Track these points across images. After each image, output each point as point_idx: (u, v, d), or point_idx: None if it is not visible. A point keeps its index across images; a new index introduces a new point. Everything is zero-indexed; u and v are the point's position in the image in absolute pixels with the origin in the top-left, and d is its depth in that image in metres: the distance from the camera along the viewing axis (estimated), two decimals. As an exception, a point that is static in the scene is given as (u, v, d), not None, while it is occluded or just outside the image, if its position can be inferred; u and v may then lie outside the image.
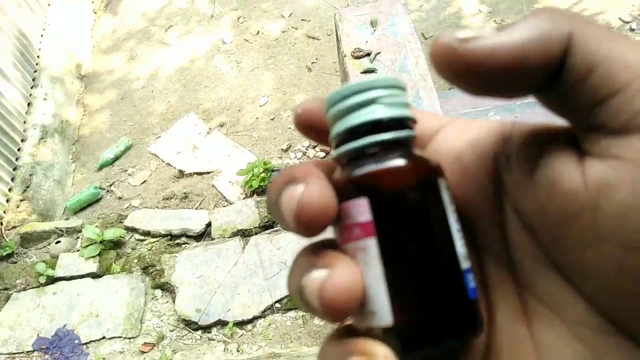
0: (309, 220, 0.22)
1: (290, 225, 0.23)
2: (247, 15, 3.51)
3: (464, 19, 3.07)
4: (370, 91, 0.24)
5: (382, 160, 0.24)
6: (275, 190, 0.24)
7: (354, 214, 0.23)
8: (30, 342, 2.03)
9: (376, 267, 0.23)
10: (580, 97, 0.21)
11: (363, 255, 0.23)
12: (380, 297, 0.23)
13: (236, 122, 2.88)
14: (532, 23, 0.21)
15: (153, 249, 2.26)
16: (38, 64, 3.00)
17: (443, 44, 0.21)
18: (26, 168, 2.54)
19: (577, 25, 0.21)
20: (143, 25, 3.62)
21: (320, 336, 1.94)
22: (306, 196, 0.22)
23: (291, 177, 0.23)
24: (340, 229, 0.24)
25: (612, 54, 0.20)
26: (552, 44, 0.20)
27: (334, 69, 2.96)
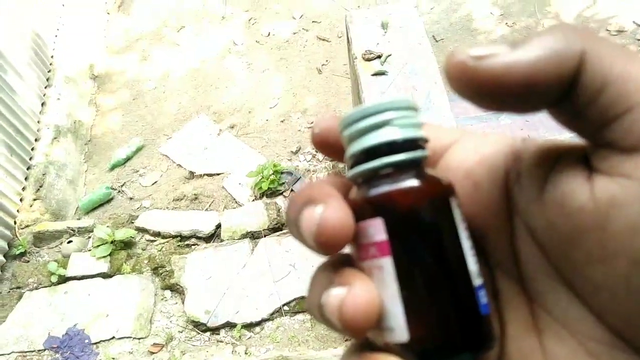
0: (328, 240, 0.23)
1: (309, 245, 0.24)
2: (258, 17, 3.51)
3: (475, 22, 3.03)
4: (385, 113, 0.25)
5: (396, 181, 0.25)
6: (294, 210, 0.24)
7: (370, 233, 0.24)
8: (42, 340, 2.05)
9: (392, 285, 0.24)
10: (592, 114, 0.21)
11: (379, 273, 0.24)
12: (396, 314, 0.23)
13: (246, 123, 2.88)
14: (545, 40, 0.21)
15: (163, 250, 2.26)
16: (52, 64, 3.02)
17: (458, 61, 0.22)
18: (39, 167, 2.56)
19: (590, 43, 0.21)
20: (155, 26, 3.63)
21: (328, 340, 1.93)
22: (325, 218, 0.23)
23: (310, 198, 0.24)
24: (357, 247, 0.25)
25: (624, 73, 0.20)
26: (565, 62, 0.20)
27: (344, 71, 2.95)
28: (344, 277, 0.24)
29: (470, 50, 0.22)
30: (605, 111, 0.21)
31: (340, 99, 2.83)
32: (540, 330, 0.24)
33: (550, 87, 0.21)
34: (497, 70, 0.21)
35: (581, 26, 0.23)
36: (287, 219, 0.26)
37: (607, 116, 0.21)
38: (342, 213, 0.23)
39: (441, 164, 0.28)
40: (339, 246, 0.23)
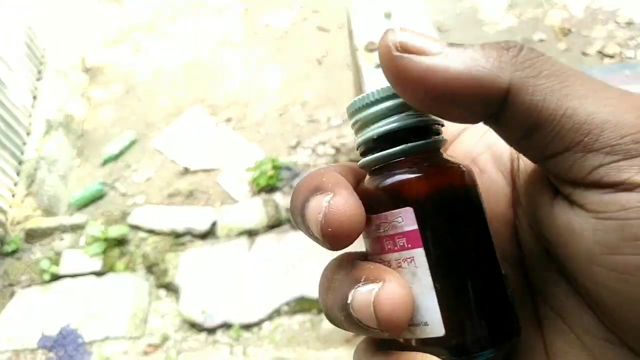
0: (335, 232, 0.22)
1: (315, 237, 0.23)
2: (256, 7, 3.44)
3: (482, 12, 2.97)
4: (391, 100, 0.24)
5: (422, 167, 0.24)
6: (300, 199, 0.23)
7: (398, 223, 0.23)
8: (35, 339, 2.02)
9: (425, 277, 0.22)
10: (529, 147, 0.22)
11: (410, 266, 0.23)
12: (429, 307, 0.22)
13: (243, 117, 2.82)
14: (476, 59, 0.21)
15: (157, 248, 2.23)
16: (43, 56, 2.97)
17: (385, 44, 0.22)
18: (31, 163, 2.52)
19: (522, 77, 0.20)
20: (149, 18, 3.57)
21: (328, 340, 1.89)
22: (333, 207, 0.21)
23: (317, 186, 0.23)
24: (376, 240, 0.24)
25: (557, 111, 0.20)
26: (489, 90, 0.20)
27: (345, 63, 2.89)
28: (372, 272, 0.22)
29: (402, 35, 0.22)
30: (543, 148, 0.21)
31: (340, 92, 2.77)
32: (542, 323, 0.25)
33: (469, 105, 0.21)
34: (419, 69, 0.21)
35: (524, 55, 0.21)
36: (292, 208, 0.25)
37: (545, 153, 0.21)
38: (352, 203, 0.22)
39: (449, 151, 0.28)
40: (348, 239, 0.22)
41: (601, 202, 0.20)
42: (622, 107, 0.20)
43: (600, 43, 2.62)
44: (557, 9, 2.86)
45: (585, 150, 0.20)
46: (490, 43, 0.21)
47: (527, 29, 2.79)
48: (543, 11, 2.87)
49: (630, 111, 0.20)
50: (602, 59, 2.56)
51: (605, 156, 0.20)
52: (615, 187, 0.20)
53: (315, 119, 2.68)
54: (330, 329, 1.91)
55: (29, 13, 2.92)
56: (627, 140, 0.19)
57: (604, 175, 0.20)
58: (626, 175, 0.19)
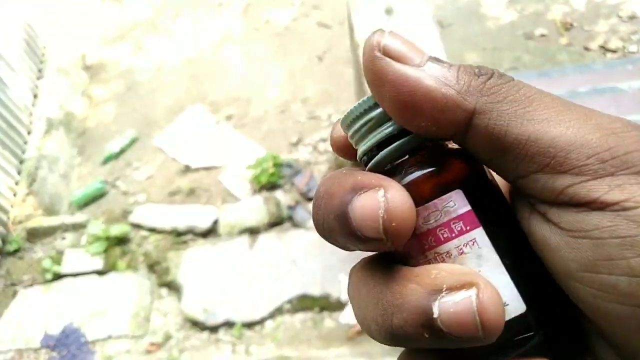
0: (400, 226, 0.20)
1: (368, 238, 0.21)
2: (256, 3, 3.43)
3: (484, 7, 2.94)
4: None
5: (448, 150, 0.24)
6: (335, 203, 0.22)
7: (450, 208, 0.22)
8: (38, 338, 2.02)
9: (492, 255, 0.22)
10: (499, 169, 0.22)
11: (473, 249, 0.22)
12: (505, 285, 0.22)
13: (244, 114, 2.81)
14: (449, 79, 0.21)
15: (159, 246, 2.22)
16: (44, 55, 2.96)
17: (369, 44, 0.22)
18: (32, 161, 2.52)
19: (485, 103, 0.21)
20: (150, 15, 3.56)
21: (331, 339, 1.88)
22: (393, 201, 0.21)
23: (355, 185, 0.22)
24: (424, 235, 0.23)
25: (521, 137, 0.20)
26: (453, 109, 0.21)
27: (346, 59, 2.87)
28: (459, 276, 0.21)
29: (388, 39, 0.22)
30: (512, 170, 0.21)
31: (342, 88, 2.75)
32: None
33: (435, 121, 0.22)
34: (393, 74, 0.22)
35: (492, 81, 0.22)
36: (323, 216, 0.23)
37: (515, 174, 0.21)
38: (406, 194, 0.21)
39: None
40: (408, 234, 0.21)
41: (575, 221, 0.20)
42: (585, 128, 0.20)
43: (602, 37, 2.60)
44: (559, 4, 2.84)
45: (553, 172, 0.20)
46: (466, 66, 0.22)
47: (529, 23, 2.77)
48: (545, 5, 2.85)
49: (593, 131, 0.20)
50: (605, 53, 2.54)
51: (573, 177, 0.20)
52: (586, 205, 0.20)
53: (316, 116, 2.67)
54: (332, 327, 1.91)
55: (30, 11, 2.91)
56: (593, 161, 0.20)
57: (574, 195, 0.20)
58: (596, 194, 0.20)
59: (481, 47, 2.70)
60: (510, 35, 2.72)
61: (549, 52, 2.60)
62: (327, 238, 0.23)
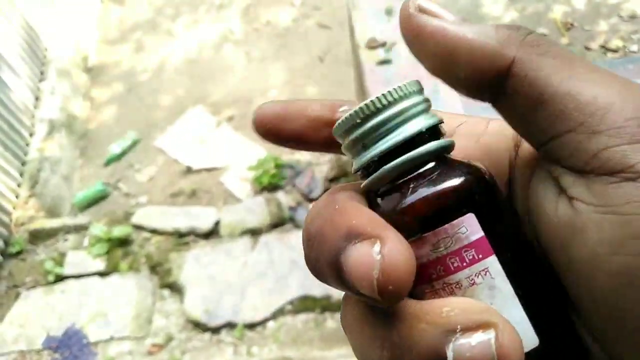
0: (397, 289, 0.18)
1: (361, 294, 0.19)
2: (257, 4, 3.43)
3: (484, 7, 2.94)
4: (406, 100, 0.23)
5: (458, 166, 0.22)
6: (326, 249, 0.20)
7: (462, 235, 0.20)
8: (40, 340, 2.03)
9: (505, 286, 0.20)
10: (533, 127, 0.21)
11: (485, 279, 0.20)
12: (518, 318, 0.20)
13: (245, 114, 2.82)
14: (488, 31, 0.21)
15: (161, 248, 2.23)
16: (45, 56, 2.97)
17: (404, 5, 0.23)
18: (34, 163, 2.52)
19: (526, 54, 0.20)
20: (150, 15, 3.56)
21: (333, 340, 1.88)
22: (390, 261, 0.18)
23: (350, 231, 0.20)
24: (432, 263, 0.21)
25: (561, 90, 0.20)
26: (494, 57, 0.21)
27: (346, 60, 2.88)
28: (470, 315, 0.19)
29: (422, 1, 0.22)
30: (546, 128, 0.20)
31: (342, 88, 2.75)
32: None
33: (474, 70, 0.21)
34: (432, 27, 0.22)
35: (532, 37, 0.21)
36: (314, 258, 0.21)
37: (548, 133, 0.20)
38: (405, 246, 0.19)
39: None
40: (407, 291, 0.19)
41: (605, 193, 0.19)
42: (627, 92, 0.19)
43: (603, 37, 2.60)
44: (559, 3, 2.84)
45: (588, 132, 0.19)
46: (503, 24, 0.22)
47: (529, 23, 2.77)
48: (545, 5, 2.85)
49: (636, 95, 0.19)
50: (605, 53, 2.54)
51: (609, 138, 0.19)
52: (619, 174, 0.19)
53: (317, 117, 2.67)
54: (334, 328, 1.91)
55: (31, 13, 2.91)
56: (632, 124, 0.19)
57: (607, 160, 0.19)
58: (632, 161, 0.18)
59: (482, 47, 2.70)
60: (511, 35, 2.72)
61: (549, 51, 2.60)
62: (320, 280, 0.22)
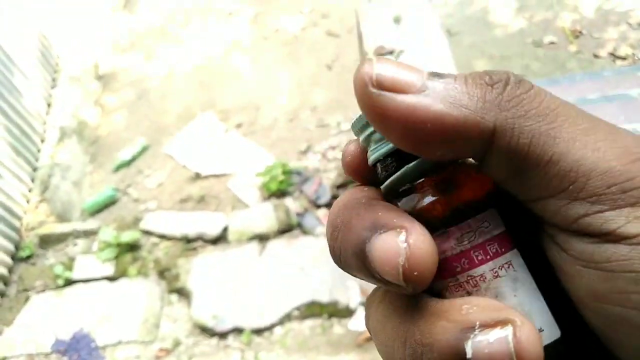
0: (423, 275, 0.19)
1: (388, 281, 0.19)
2: (266, 12, 3.45)
3: (491, 14, 2.94)
4: None
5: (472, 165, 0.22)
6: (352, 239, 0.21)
7: (485, 229, 0.21)
8: (49, 343, 2.04)
9: (527, 278, 0.21)
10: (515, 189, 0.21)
11: (508, 272, 0.21)
12: (540, 310, 0.21)
13: (254, 121, 2.83)
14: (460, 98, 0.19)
15: (169, 253, 2.23)
16: (57, 64, 3.00)
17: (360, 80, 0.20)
18: (45, 169, 2.55)
19: (506, 119, 0.19)
20: (160, 24, 3.60)
21: (339, 346, 1.87)
22: (416, 249, 0.19)
23: (375, 223, 0.20)
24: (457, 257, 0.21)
25: (544, 157, 0.19)
26: (472, 131, 0.19)
27: (355, 68, 2.88)
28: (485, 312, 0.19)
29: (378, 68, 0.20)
30: (529, 191, 0.20)
31: (350, 96, 2.74)
32: None
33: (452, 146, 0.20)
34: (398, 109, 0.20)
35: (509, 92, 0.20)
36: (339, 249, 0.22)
37: (532, 195, 0.20)
38: (429, 237, 0.19)
39: None
40: (431, 279, 0.19)
41: (586, 251, 0.19)
42: (611, 152, 0.19)
43: (612, 45, 2.59)
44: (568, 11, 2.83)
45: (570, 198, 0.19)
46: (474, 76, 0.20)
47: (538, 31, 2.77)
48: (554, 13, 2.85)
49: (618, 157, 0.19)
50: (614, 60, 2.53)
51: (591, 205, 0.19)
52: (601, 237, 0.19)
53: (325, 124, 2.68)
54: (341, 333, 1.90)
55: (44, 22, 2.95)
56: (615, 190, 0.19)
57: (589, 225, 0.19)
58: (613, 226, 0.19)
59: (489, 55, 2.70)
60: (519, 43, 2.72)
61: (558, 59, 2.59)
62: (344, 270, 0.22)
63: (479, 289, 0.21)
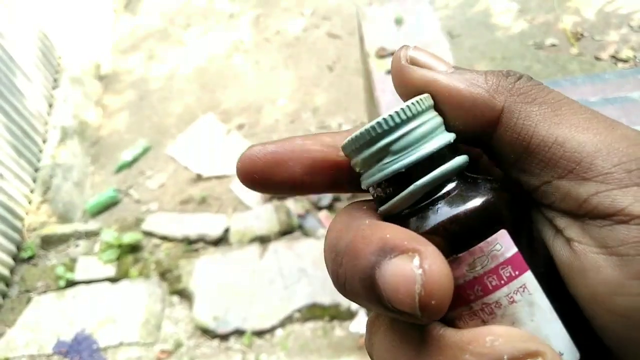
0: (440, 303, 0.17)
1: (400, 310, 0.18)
2: (267, 14, 3.46)
3: (493, 17, 2.95)
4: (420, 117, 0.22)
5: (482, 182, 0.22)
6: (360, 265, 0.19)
7: (497, 252, 0.20)
8: (50, 344, 2.04)
9: (543, 301, 0.20)
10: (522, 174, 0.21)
11: (524, 295, 0.20)
12: (558, 333, 0.20)
13: (255, 123, 2.83)
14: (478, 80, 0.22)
15: (170, 254, 2.23)
16: (59, 64, 3.01)
17: (396, 57, 0.23)
18: (46, 170, 2.55)
19: (514, 102, 0.21)
20: (162, 25, 3.60)
21: (341, 348, 1.87)
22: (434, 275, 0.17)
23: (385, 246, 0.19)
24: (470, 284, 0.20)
25: (549, 138, 0.20)
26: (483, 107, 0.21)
27: (356, 69, 2.89)
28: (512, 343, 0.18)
29: (414, 52, 0.23)
30: (536, 175, 0.21)
31: (351, 98, 2.76)
32: None
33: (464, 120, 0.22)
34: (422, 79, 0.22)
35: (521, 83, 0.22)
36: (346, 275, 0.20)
37: (539, 179, 0.21)
38: (445, 264, 0.18)
39: None
40: (447, 307, 0.18)
41: (598, 236, 0.19)
42: (612, 137, 0.20)
43: (613, 47, 2.59)
44: (569, 14, 2.83)
45: (577, 179, 0.20)
46: (493, 70, 0.23)
47: (539, 33, 2.77)
48: (555, 16, 2.85)
49: (620, 140, 0.20)
50: (616, 63, 2.53)
51: (598, 185, 0.19)
52: (611, 217, 0.19)
53: (327, 125, 2.68)
54: (342, 336, 1.90)
55: (45, 22, 2.96)
56: (619, 170, 0.19)
57: (598, 204, 0.19)
58: (621, 204, 0.19)
59: (490, 57, 2.70)
60: (520, 45, 2.72)
61: (559, 61, 2.59)
62: (349, 298, 0.21)
63: (494, 316, 0.20)
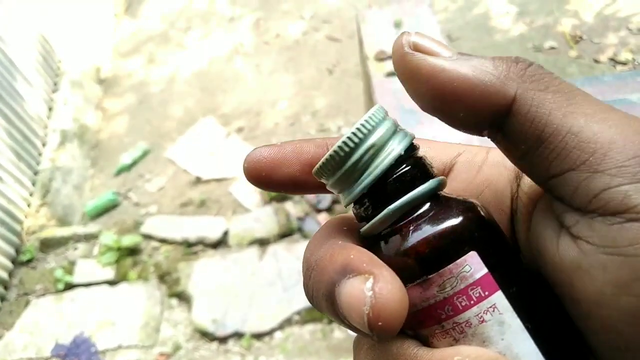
0: (387, 324, 0.18)
1: (353, 327, 0.19)
2: (267, 17, 3.47)
3: (492, 20, 2.96)
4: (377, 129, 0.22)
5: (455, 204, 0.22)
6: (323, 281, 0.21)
7: (466, 274, 0.20)
8: (49, 348, 2.03)
9: (514, 321, 0.20)
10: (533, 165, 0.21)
11: (494, 315, 0.20)
12: (529, 352, 0.20)
13: (255, 126, 2.84)
14: (486, 66, 0.20)
15: (169, 257, 2.23)
16: (59, 68, 3.01)
17: (398, 43, 0.22)
18: (46, 173, 2.55)
19: (527, 90, 0.20)
20: (162, 29, 3.61)
21: (340, 350, 1.87)
22: (381, 298, 0.18)
23: (345, 266, 0.20)
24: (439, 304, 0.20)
25: (563, 127, 0.19)
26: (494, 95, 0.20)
27: (355, 72, 2.89)
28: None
29: (416, 37, 0.22)
30: (548, 166, 0.20)
31: (351, 101, 2.77)
32: None
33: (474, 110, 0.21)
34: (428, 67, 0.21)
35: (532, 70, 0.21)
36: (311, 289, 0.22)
37: (550, 171, 0.20)
38: (398, 284, 0.19)
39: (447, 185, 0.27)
40: (398, 327, 0.19)
41: (608, 234, 0.18)
42: (628, 129, 0.19)
43: (612, 50, 2.60)
44: (568, 17, 2.84)
45: (590, 170, 0.19)
46: (500, 56, 0.21)
47: (538, 36, 2.78)
48: (554, 18, 2.86)
49: (637, 133, 0.19)
50: (615, 66, 2.53)
51: (611, 178, 0.18)
52: (622, 214, 0.18)
53: (326, 128, 2.69)
54: (341, 338, 1.90)
55: (45, 25, 2.97)
56: (634, 163, 0.18)
57: (610, 200, 0.18)
58: (634, 201, 0.18)
59: (490, 60, 2.70)
60: (519, 48, 2.73)
61: (558, 64, 2.60)
62: (317, 310, 0.22)
63: (465, 335, 0.20)
